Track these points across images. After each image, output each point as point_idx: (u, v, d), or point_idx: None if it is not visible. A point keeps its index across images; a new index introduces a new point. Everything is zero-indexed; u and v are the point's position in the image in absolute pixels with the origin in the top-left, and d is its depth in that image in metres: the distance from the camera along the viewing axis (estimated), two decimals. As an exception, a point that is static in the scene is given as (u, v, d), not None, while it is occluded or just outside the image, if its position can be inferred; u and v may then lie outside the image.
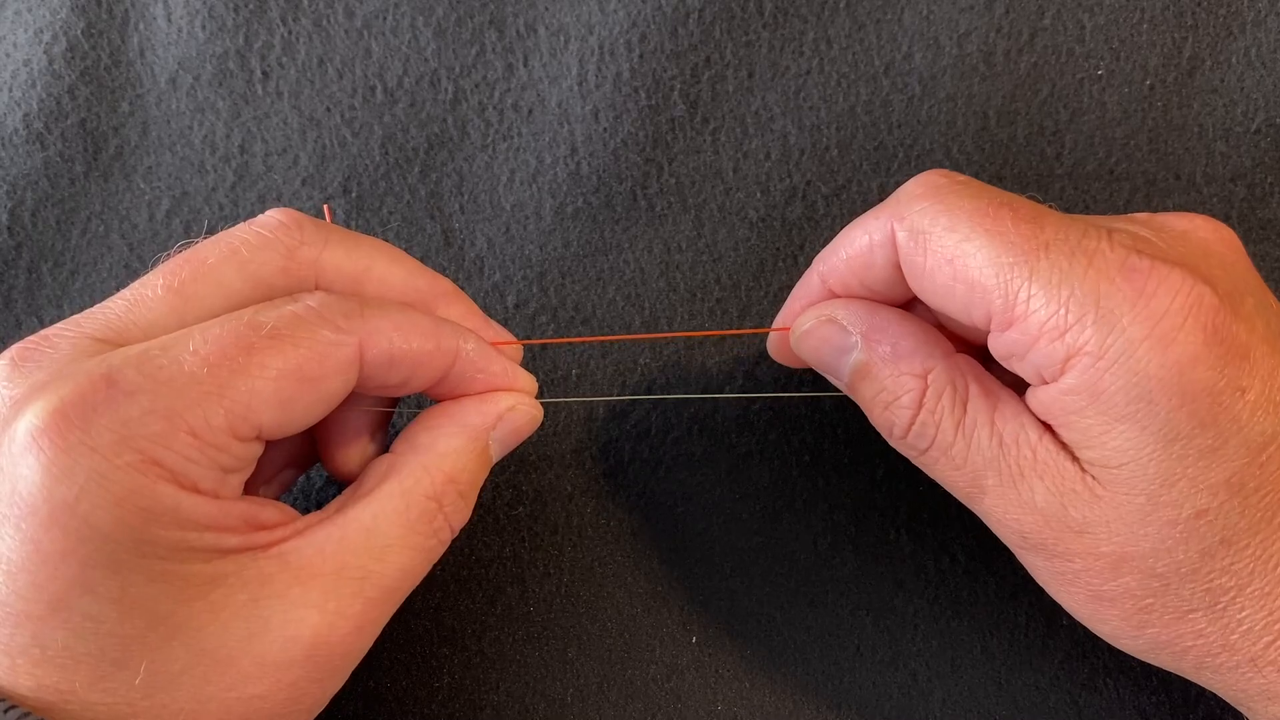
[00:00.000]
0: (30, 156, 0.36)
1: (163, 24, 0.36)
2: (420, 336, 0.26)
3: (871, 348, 0.27)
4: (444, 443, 0.27)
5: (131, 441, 0.21)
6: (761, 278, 0.35)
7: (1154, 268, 0.23)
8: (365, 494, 0.26)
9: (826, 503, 0.34)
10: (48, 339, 0.24)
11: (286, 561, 0.24)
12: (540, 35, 0.36)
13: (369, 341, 0.25)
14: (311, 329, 0.24)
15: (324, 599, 0.24)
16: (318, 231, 0.27)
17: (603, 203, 0.36)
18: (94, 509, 0.21)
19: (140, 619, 0.22)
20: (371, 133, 0.36)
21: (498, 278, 0.35)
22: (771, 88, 0.36)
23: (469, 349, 0.27)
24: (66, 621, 0.21)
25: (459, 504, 0.27)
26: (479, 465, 0.27)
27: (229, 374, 0.23)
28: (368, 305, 0.26)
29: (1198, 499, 0.23)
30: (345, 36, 0.36)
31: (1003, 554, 0.34)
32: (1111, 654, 0.33)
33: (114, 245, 0.36)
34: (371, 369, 0.25)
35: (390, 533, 0.25)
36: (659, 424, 0.35)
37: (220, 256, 0.25)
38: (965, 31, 0.36)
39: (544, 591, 0.34)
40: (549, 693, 0.33)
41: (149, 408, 0.22)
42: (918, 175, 0.27)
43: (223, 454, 0.23)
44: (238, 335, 0.23)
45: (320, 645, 0.24)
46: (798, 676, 0.34)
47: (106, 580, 0.21)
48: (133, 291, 0.25)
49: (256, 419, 0.23)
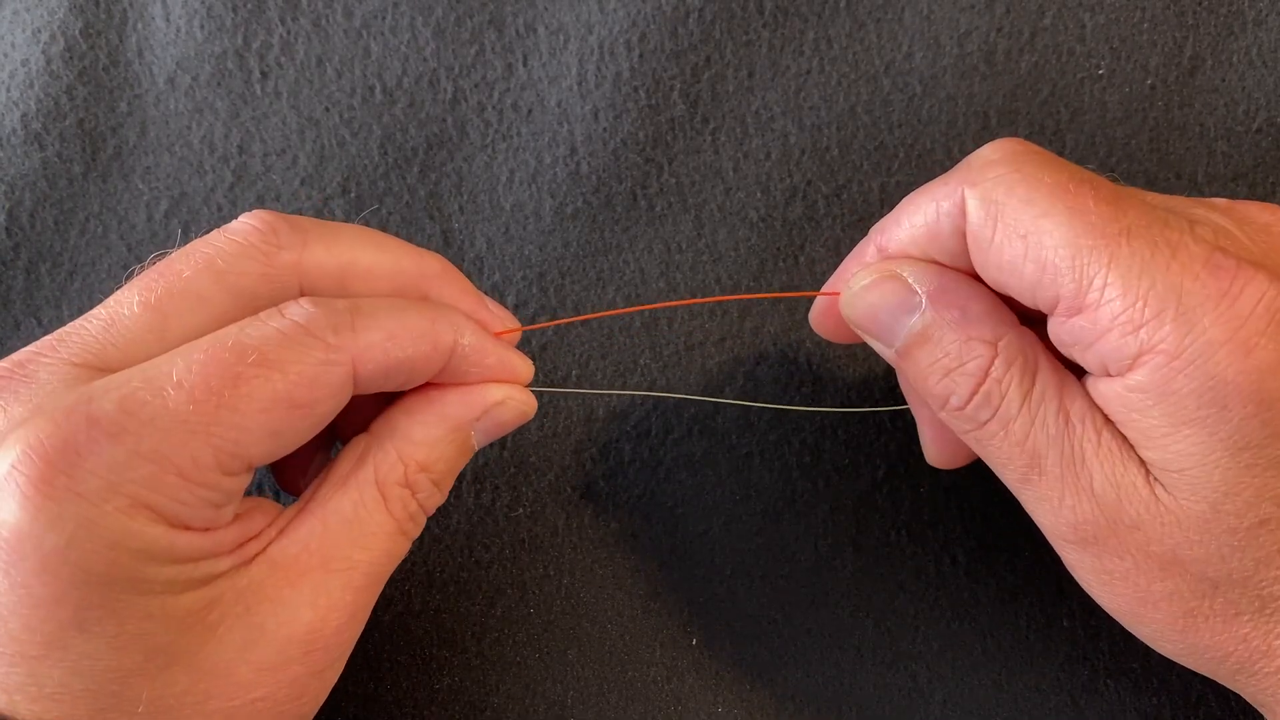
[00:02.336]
0: (28, 157, 0.36)
1: (161, 24, 0.36)
2: (415, 341, 0.25)
3: (939, 310, 0.25)
4: (420, 431, 0.26)
5: (119, 487, 0.21)
6: (762, 278, 0.35)
7: (1240, 268, 0.22)
8: (342, 480, 0.25)
9: (827, 504, 0.34)
10: (23, 366, 0.23)
11: (274, 564, 0.23)
12: (540, 35, 0.36)
13: (363, 357, 0.24)
14: (300, 351, 0.23)
15: (315, 595, 0.23)
16: (294, 232, 0.26)
17: (602, 203, 0.36)
18: (85, 555, 0.20)
19: (138, 652, 0.21)
20: (370, 133, 0.36)
21: (497, 278, 0.35)
22: (772, 87, 0.36)
23: (465, 344, 0.26)
24: (62, 660, 0.21)
25: (432, 491, 0.26)
26: (457, 455, 0.26)
27: (215, 409, 0.22)
28: (358, 313, 0.24)
29: (1262, 508, 0.23)
30: (344, 36, 0.36)
31: (1004, 556, 0.34)
32: (1112, 656, 0.33)
33: (112, 245, 0.36)
34: (367, 381, 0.24)
35: (370, 520, 0.25)
36: (659, 425, 0.35)
37: (195, 269, 0.24)
38: (966, 31, 0.36)
39: (544, 593, 0.34)
40: (549, 695, 0.33)
41: (135, 450, 0.21)
42: (993, 141, 0.26)
43: (213, 491, 0.22)
44: (223, 364, 0.22)
45: (316, 640, 0.23)
46: (798, 678, 0.33)
47: (102, 620, 0.21)
48: (108, 310, 0.24)
49: (246, 454, 0.22)
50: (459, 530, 0.34)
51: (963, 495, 0.34)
